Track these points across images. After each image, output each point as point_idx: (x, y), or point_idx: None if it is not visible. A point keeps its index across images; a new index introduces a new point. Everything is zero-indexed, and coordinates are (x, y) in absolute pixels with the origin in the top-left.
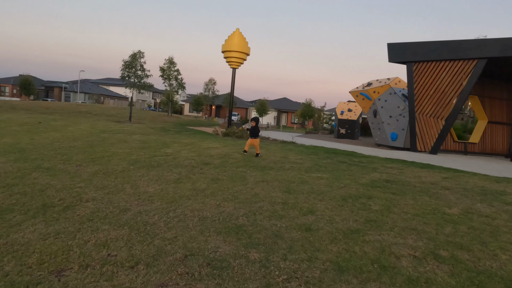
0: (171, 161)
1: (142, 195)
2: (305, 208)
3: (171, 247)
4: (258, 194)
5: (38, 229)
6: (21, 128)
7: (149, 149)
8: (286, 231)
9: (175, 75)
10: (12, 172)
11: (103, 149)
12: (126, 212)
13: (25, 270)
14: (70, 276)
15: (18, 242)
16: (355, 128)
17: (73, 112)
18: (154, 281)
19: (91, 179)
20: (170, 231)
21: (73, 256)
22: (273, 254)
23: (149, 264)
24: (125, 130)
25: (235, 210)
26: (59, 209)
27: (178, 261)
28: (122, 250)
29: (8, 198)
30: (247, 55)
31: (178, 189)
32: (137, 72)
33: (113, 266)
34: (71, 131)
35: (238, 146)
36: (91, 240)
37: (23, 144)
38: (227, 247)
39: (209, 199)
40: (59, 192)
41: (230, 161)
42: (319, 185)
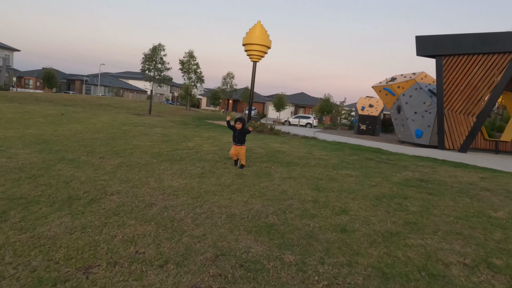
0: (194, 155)
1: (167, 190)
2: (337, 208)
3: (200, 246)
4: (286, 191)
5: (64, 222)
6: (45, 119)
7: (170, 143)
8: (320, 232)
9: (194, 69)
10: (37, 163)
11: (125, 141)
12: (151, 206)
13: (52, 266)
14: (99, 274)
15: (45, 235)
16: (376, 124)
17: (94, 105)
18: (185, 282)
19: (115, 172)
20: (198, 228)
21: (100, 252)
22: (309, 257)
23: (179, 264)
24: (145, 123)
25: (263, 208)
26: (84, 202)
27: (209, 261)
28: (150, 247)
29: (33, 190)
30: (268, 48)
31: (203, 184)
32: (157, 65)
33: (141, 265)
34: (93, 123)
35: (259, 140)
36: (118, 236)
37: (47, 136)
38: (259, 248)
39: (236, 195)
40: (83, 184)
41: (253, 156)
42: (349, 183)
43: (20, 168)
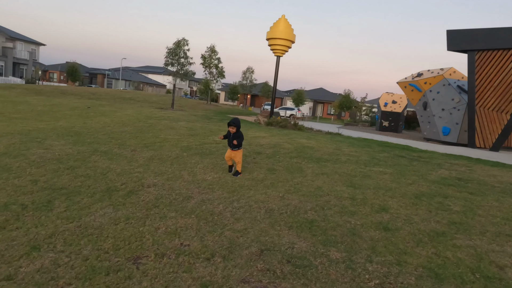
0: (222, 149)
1: (201, 183)
2: (376, 205)
3: (243, 240)
4: (320, 187)
5: (107, 213)
6: (72, 112)
7: (197, 137)
8: (363, 229)
9: (215, 64)
10: (72, 154)
11: (153, 135)
12: (189, 199)
13: (103, 255)
14: (148, 265)
15: (91, 225)
16: (399, 121)
17: (118, 98)
18: (234, 276)
19: (148, 165)
20: (238, 222)
21: (146, 244)
22: (355, 255)
23: (225, 257)
24: (169, 117)
25: (301, 204)
26: (123, 193)
27: (255, 255)
28: (194, 240)
29: (73, 180)
30: (292, 42)
31: (236, 178)
32: (180, 59)
33: (188, 257)
34: (119, 117)
35: (285, 135)
36: (161, 228)
37: (77, 128)
38: (303, 244)
39: (271, 190)
40: (119, 176)
41: (282, 151)
42: (384, 180)
43: (58, 159)
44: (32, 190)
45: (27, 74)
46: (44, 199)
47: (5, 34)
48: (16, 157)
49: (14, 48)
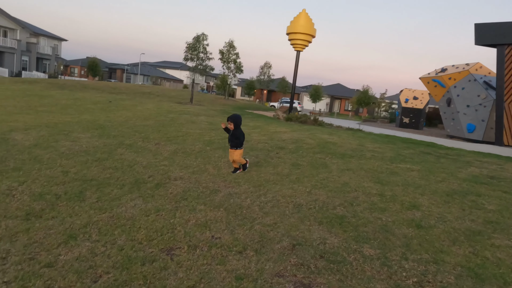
0: (245, 144)
1: (227, 177)
2: (406, 202)
3: (273, 234)
4: (347, 183)
5: (138, 204)
6: (95, 106)
7: (218, 131)
8: (395, 226)
9: (234, 59)
10: (99, 147)
11: (175, 129)
12: (216, 193)
13: (137, 246)
14: (182, 256)
15: (123, 216)
16: (420, 117)
17: (137, 93)
18: (268, 269)
19: (173, 158)
20: (267, 216)
21: (178, 235)
22: (390, 252)
23: (257, 251)
24: (189, 111)
25: (328, 199)
26: (151, 185)
27: (287, 250)
28: (224, 233)
29: (102, 172)
30: (312, 37)
31: (260, 172)
32: (200, 54)
33: (221, 249)
34: (140, 111)
35: (306, 131)
36: (191, 220)
37: (101, 121)
38: (335, 239)
39: (297, 185)
40: (146, 168)
41: (305, 147)
42: (412, 177)
43: (85, 151)
44: (64, 181)
45: (50, 69)
46: (76, 189)
47: (29, 30)
48: (46, 149)
49: (37, 44)
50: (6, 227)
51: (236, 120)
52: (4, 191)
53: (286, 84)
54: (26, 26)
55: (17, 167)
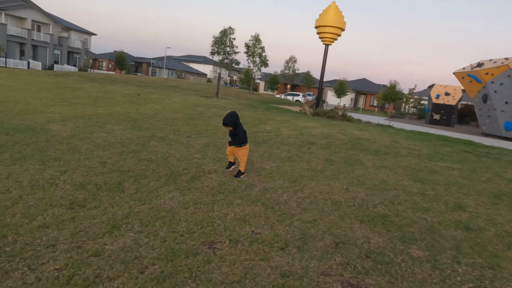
0: (275, 138)
1: (261, 171)
2: (451, 203)
3: (314, 231)
4: (385, 181)
5: (175, 197)
6: (124, 99)
7: (247, 125)
8: (441, 228)
9: (259, 53)
10: (133, 139)
11: (204, 122)
12: (252, 187)
13: (179, 238)
14: (224, 250)
15: (162, 208)
16: (452, 114)
17: (164, 86)
18: (313, 267)
19: (205, 151)
20: (306, 212)
21: (218, 229)
22: (439, 254)
23: (300, 248)
24: (216, 105)
25: (367, 197)
26: (186, 178)
27: (331, 248)
28: (264, 228)
29: (138, 164)
30: (342, 30)
31: (294, 168)
32: (226, 48)
33: (262, 245)
34: (169, 104)
35: (335, 126)
36: (230, 214)
37: (132, 114)
38: (379, 239)
39: (333, 181)
40: (180, 161)
41: (337, 142)
42: (454, 176)
43: (120, 143)
44: (103, 172)
45: (80, 62)
46: (115, 180)
47: (61, 25)
48: (83, 140)
49: (68, 38)
50: (53, 215)
51: (233, 120)
52: (47, 180)
53: (311, 79)
54: (58, 21)
55: (58, 157)
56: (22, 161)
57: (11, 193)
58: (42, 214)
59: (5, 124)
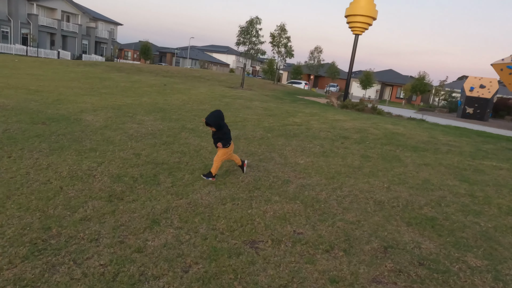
0: (306, 131)
1: (295, 167)
2: (504, 206)
3: (359, 233)
4: (428, 180)
5: (212, 191)
6: (151, 89)
7: (276, 117)
8: (498, 234)
9: (285, 43)
10: (164, 130)
11: (232, 114)
12: (288, 184)
13: (220, 236)
14: (267, 251)
15: (200, 203)
16: (486, 108)
17: (188, 76)
18: (363, 273)
19: (236, 144)
20: (348, 212)
21: (259, 228)
22: (500, 264)
23: (346, 251)
24: (242, 96)
25: (411, 197)
26: (221, 172)
27: (379, 253)
28: (306, 228)
29: (171, 156)
30: (373, 19)
31: (329, 163)
32: (252, 38)
33: (306, 246)
34: (195, 94)
35: (367, 120)
36: (269, 212)
37: (160, 104)
38: (430, 244)
39: (372, 179)
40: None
41: (371, 137)
42: (503, 177)
43: (152, 134)
44: (137, 164)
45: (107, 52)
46: (150, 173)
47: (89, 15)
48: (116, 131)
49: (96, 28)
50: (93, 208)
51: (215, 120)
52: (85, 171)
53: (336, 70)
54: (86, 11)
55: (93, 148)
56: (59, 151)
57: (52, 183)
58: (83, 206)
59: (40, 114)
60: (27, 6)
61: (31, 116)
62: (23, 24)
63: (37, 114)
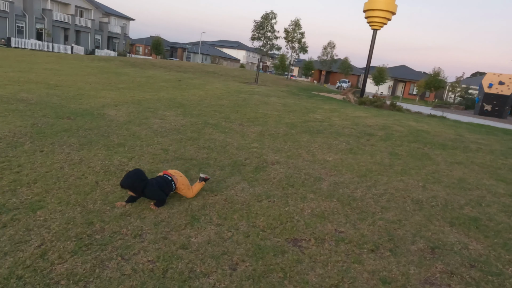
0: (329, 128)
1: (325, 164)
2: None
3: (402, 233)
4: (463, 179)
5: (245, 188)
6: (167, 84)
7: (296, 113)
8: None
9: (299, 38)
10: (187, 126)
11: (251, 109)
12: (320, 181)
13: (261, 234)
14: (311, 250)
15: (236, 200)
16: (505, 105)
17: (202, 72)
18: (414, 274)
19: (261, 140)
20: (387, 211)
21: (299, 226)
22: None
23: (392, 251)
24: (258, 92)
25: (449, 197)
26: (251, 169)
27: (427, 253)
28: (347, 226)
29: (199, 152)
30: (393, 14)
31: (358, 161)
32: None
33: (351, 246)
34: (211, 90)
35: (389, 116)
36: (306, 210)
37: (179, 100)
38: (478, 246)
39: (406, 177)
40: (239, 150)
41: (396, 134)
42: None
43: (175, 129)
44: (167, 159)
45: (119, 47)
46: (180, 168)
47: (102, 10)
48: (140, 126)
49: (108, 23)
50: (131, 204)
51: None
52: (117, 166)
53: (348, 65)
54: (99, 6)
55: (121, 143)
56: (89, 146)
57: (87, 178)
58: (121, 201)
59: (64, 108)
60: (42, 1)
61: (55, 111)
62: (37, 19)
63: (60, 108)
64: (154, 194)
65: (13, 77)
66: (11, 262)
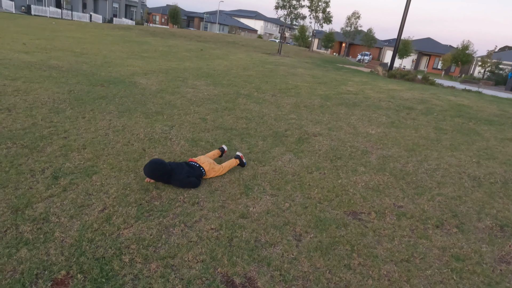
0: (365, 101)
1: (368, 137)
2: None
3: (465, 209)
4: None
5: (292, 159)
6: (189, 54)
7: (327, 85)
8: None
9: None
10: (219, 95)
11: (281, 80)
12: (368, 154)
13: (319, 206)
14: (374, 224)
15: (286, 171)
16: None
17: (222, 42)
18: (487, 252)
19: (298, 112)
20: (444, 187)
21: (356, 199)
22: None
23: (459, 228)
24: (283, 63)
25: (507, 174)
26: (293, 140)
27: (497, 231)
28: (405, 201)
29: (237, 122)
30: None
31: (403, 135)
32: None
33: (413, 221)
34: (235, 60)
35: (424, 90)
36: (359, 182)
37: (204, 69)
38: None
39: (457, 153)
40: (277, 121)
41: (436, 109)
42: None
43: (209, 99)
44: (207, 128)
45: (136, 16)
46: (223, 137)
47: None
48: (174, 94)
49: None
50: None
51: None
52: (160, 134)
53: (372, 38)
54: None
55: (159, 111)
56: (128, 113)
57: (133, 145)
58: None
59: (95, 76)
60: None
61: (87, 78)
62: None
63: (92, 76)
64: (182, 184)
65: (39, 44)
66: (79, 225)
